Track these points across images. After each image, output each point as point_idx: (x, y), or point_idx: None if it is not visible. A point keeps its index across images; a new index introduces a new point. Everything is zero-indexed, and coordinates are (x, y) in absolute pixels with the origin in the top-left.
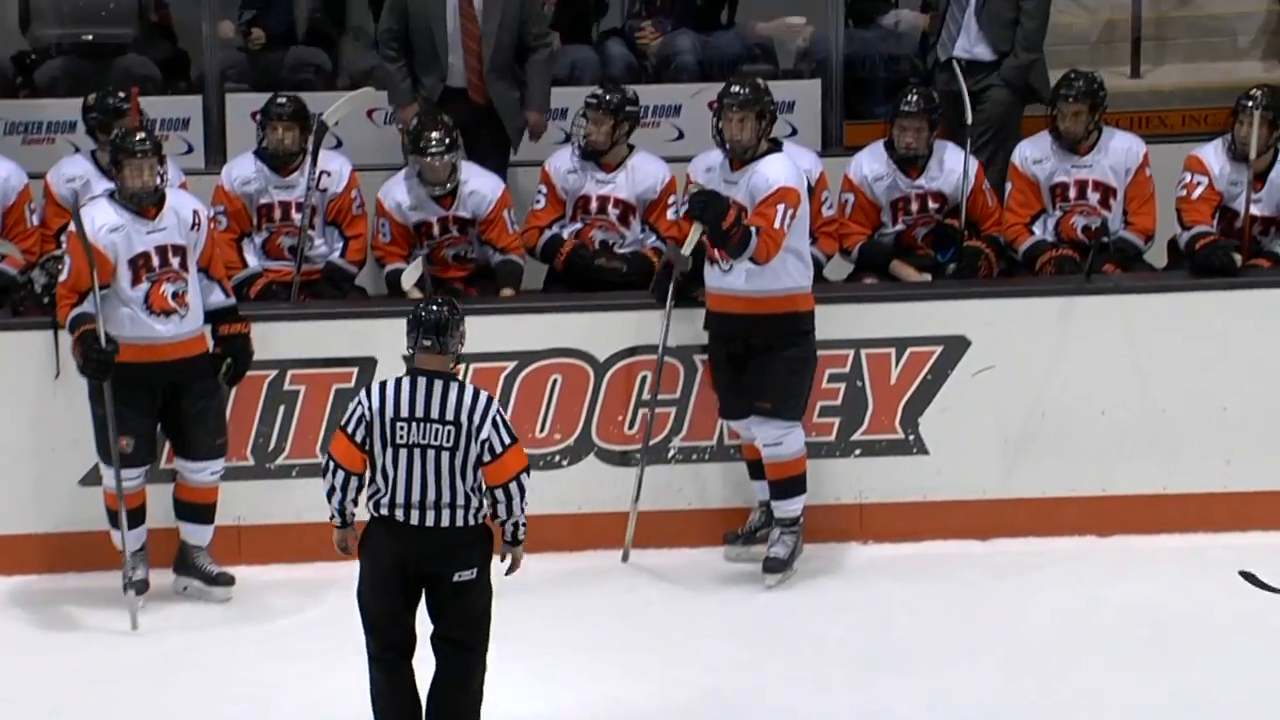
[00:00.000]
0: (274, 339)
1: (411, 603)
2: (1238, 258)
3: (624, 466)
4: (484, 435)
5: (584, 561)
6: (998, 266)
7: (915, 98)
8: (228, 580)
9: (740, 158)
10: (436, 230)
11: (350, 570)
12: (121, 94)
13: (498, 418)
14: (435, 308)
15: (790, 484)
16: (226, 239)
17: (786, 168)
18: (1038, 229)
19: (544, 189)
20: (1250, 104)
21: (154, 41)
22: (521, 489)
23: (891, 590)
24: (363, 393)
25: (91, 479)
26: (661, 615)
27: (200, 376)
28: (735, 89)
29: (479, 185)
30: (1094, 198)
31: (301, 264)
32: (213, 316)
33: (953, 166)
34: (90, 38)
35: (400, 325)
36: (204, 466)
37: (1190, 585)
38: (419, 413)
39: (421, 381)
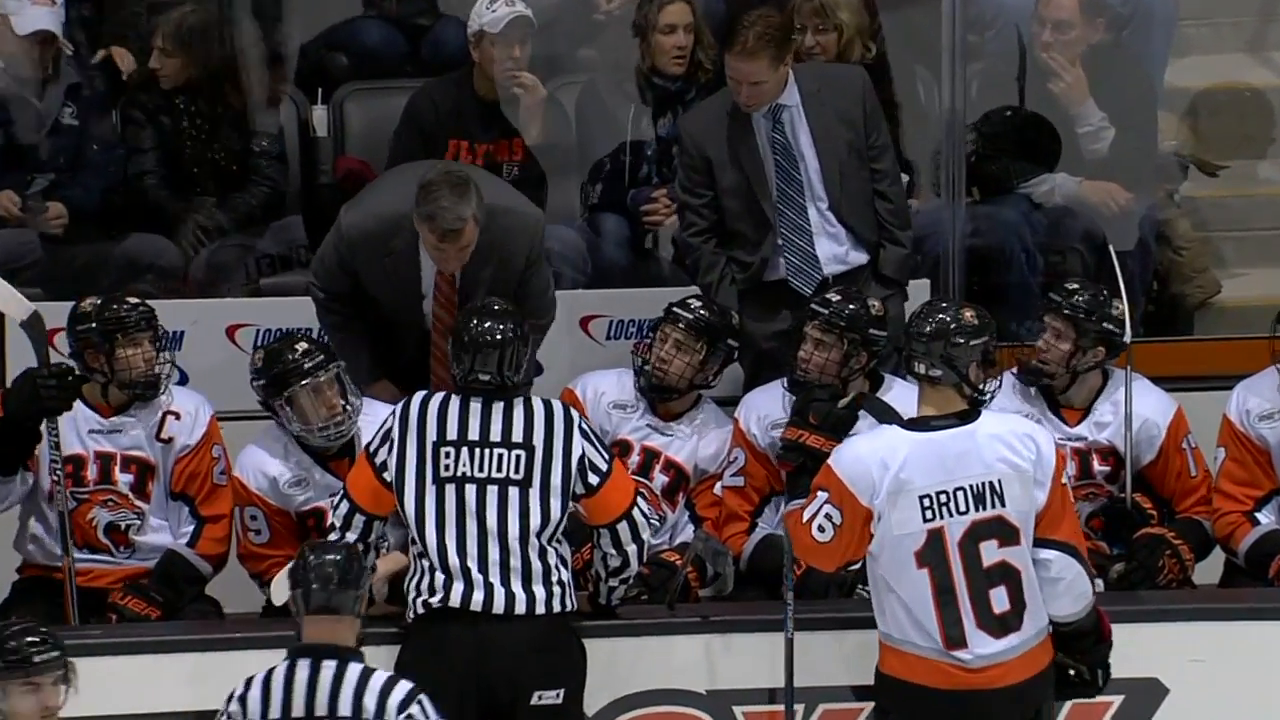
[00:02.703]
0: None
1: None
2: None
3: None
4: (577, 452)
5: None
6: (1192, 568)
7: (1073, 288)
8: None
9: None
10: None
11: None
12: None
13: (590, 431)
14: (488, 322)
15: None
16: None
17: (859, 444)
18: (1267, 516)
19: None
20: None
21: None
22: (647, 521)
23: None
24: (394, 412)
25: None
26: None
27: None
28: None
29: None
30: None
31: (71, 551)
32: None
33: (1138, 410)
34: None
35: (275, 657)
36: None
37: None
38: (473, 434)
39: (476, 400)
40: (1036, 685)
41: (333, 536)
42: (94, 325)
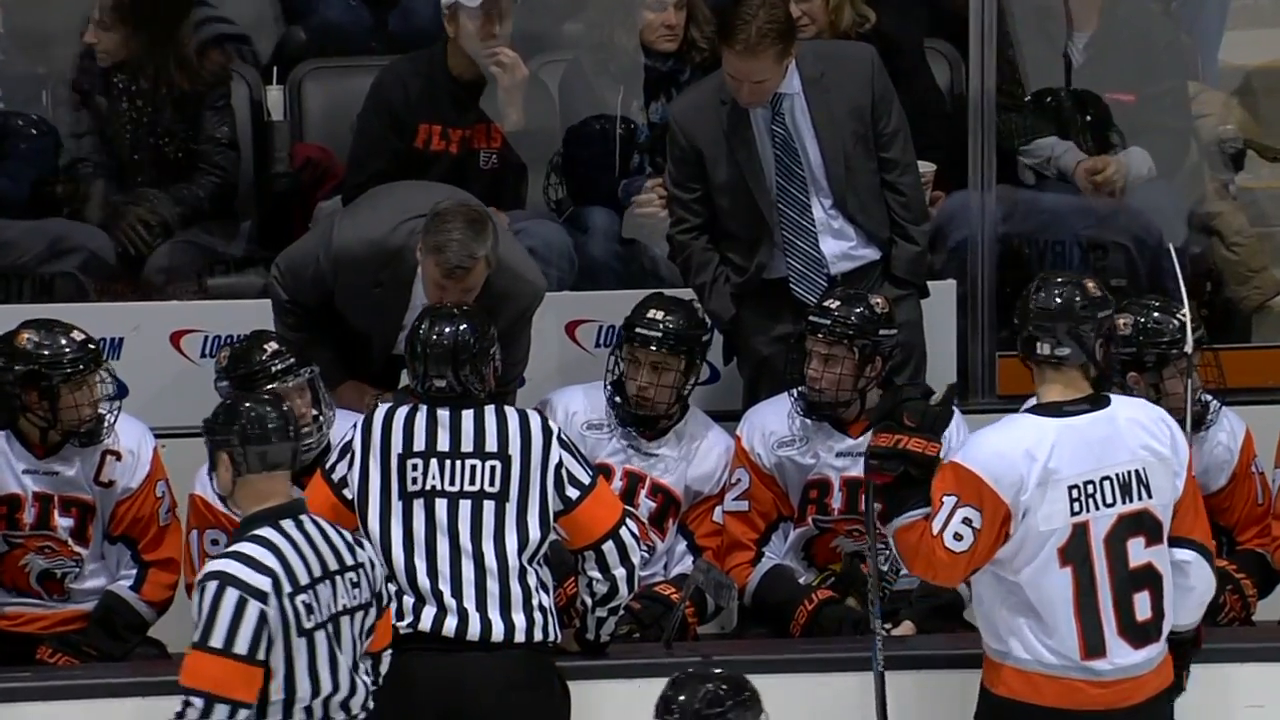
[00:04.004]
0: None
1: None
2: None
3: None
4: (555, 459)
5: None
6: (1254, 605)
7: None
8: None
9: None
10: None
11: None
12: None
13: (570, 442)
14: (438, 325)
15: None
16: None
17: (992, 438)
18: None
19: None
20: None
21: None
22: (637, 541)
23: None
24: (355, 425)
25: None
26: None
27: None
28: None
29: None
30: None
31: None
32: None
33: (1211, 432)
34: None
35: None
36: None
37: None
38: (442, 444)
39: (443, 410)
40: (1158, 703)
41: None
42: (34, 368)
